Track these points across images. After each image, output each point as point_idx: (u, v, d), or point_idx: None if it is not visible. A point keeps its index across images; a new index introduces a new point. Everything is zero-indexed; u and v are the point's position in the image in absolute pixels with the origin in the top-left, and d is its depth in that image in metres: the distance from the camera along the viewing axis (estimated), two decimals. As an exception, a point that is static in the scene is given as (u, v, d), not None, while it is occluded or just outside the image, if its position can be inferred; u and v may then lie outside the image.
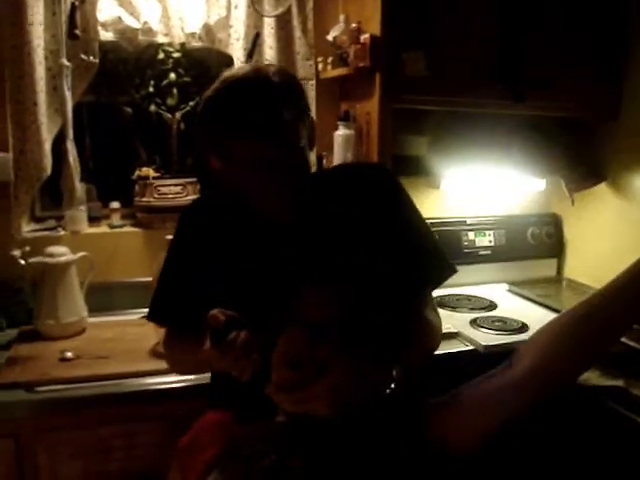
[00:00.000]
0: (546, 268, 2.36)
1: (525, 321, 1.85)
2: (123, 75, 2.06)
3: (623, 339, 1.41)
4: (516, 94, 1.78)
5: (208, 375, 1.44)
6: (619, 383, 1.38)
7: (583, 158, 2.19)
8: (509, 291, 2.22)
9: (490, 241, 2.26)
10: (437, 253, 1.21)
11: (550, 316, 1.92)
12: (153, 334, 1.62)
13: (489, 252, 2.24)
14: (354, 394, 0.92)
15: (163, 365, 1.49)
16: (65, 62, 1.77)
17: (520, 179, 2.26)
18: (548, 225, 2.36)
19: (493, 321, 1.85)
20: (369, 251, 1.12)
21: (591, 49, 1.94)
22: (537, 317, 1.93)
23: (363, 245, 1.12)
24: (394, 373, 1.03)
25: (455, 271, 1.22)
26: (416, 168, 2.03)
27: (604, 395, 1.40)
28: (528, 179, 2.26)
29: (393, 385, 1.01)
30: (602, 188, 2.17)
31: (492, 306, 2.03)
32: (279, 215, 1.11)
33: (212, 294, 1.12)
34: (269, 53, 1.98)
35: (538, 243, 2.34)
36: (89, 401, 1.37)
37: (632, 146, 2.06)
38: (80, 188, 1.89)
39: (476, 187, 2.27)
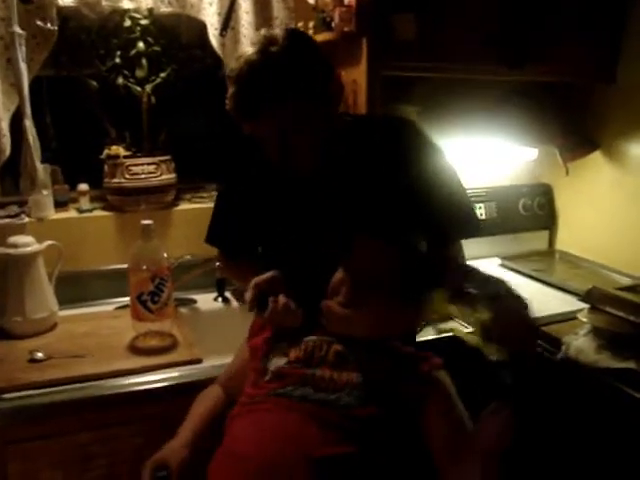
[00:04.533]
0: (538, 240, 2.30)
1: (523, 298, 1.78)
2: (86, 45, 1.87)
3: (634, 319, 1.35)
4: (517, 59, 1.67)
5: (193, 373, 1.35)
6: (631, 365, 1.33)
7: (576, 125, 2.12)
8: (502, 266, 2.15)
9: (481, 214, 2.18)
10: (464, 208, 1.32)
11: (545, 291, 1.92)
12: (130, 327, 1.51)
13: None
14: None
15: (144, 362, 1.39)
16: (18, 30, 1.60)
17: (511, 149, 2.18)
18: (540, 196, 2.29)
19: (490, 300, 1.78)
20: (402, 207, 1.22)
21: (590, 11, 1.85)
22: (532, 293, 1.84)
23: (394, 201, 1.22)
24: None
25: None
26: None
27: (615, 377, 1.35)
28: (519, 148, 2.18)
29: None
30: (595, 157, 2.10)
31: (487, 283, 1.95)
32: (300, 172, 1.22)
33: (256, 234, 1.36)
34: (245, 18, 1.84)
35: (530, 215, 2.26)
36: (64, 406, 1.25)
37: (627, 111, 1.98)
38: (42, 170, 1.73)
39: (467, 158, 2.18)
